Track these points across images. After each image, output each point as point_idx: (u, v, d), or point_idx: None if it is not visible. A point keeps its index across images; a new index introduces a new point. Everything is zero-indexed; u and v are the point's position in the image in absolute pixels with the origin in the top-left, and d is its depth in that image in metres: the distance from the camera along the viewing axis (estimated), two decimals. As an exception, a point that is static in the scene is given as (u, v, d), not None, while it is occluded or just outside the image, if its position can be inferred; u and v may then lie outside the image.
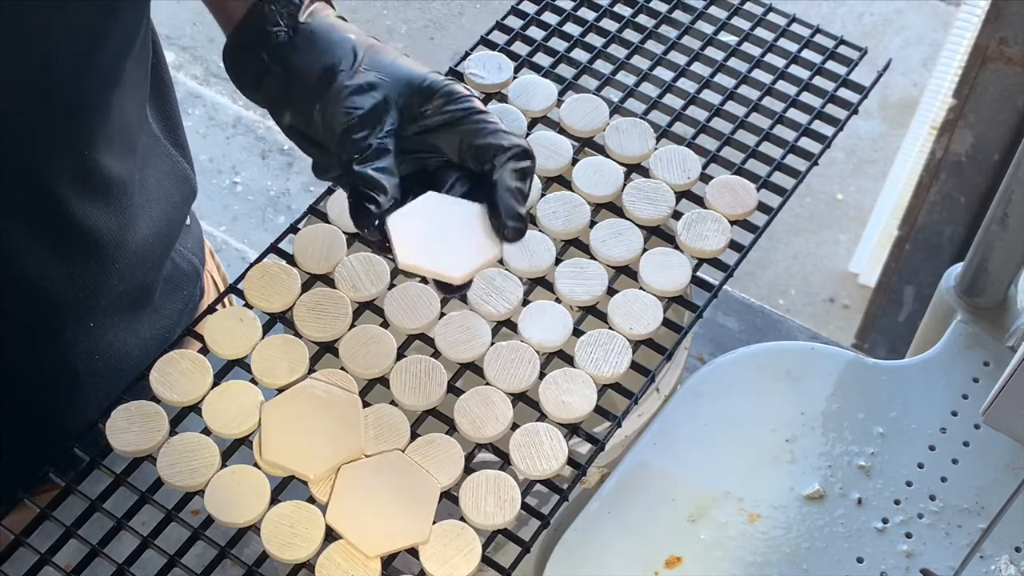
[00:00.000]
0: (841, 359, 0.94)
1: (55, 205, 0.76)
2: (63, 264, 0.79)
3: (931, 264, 1.86)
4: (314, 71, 0.71)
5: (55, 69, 0.70)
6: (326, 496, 0.70)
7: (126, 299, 0.86)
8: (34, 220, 0.76)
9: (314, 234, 0.81)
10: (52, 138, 0.74)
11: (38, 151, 0.73)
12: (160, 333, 0.90)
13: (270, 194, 2.41)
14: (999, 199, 0.92)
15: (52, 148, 0.74)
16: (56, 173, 0.75)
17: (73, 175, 0.76)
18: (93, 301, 0.83)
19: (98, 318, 0.84)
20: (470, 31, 2.71)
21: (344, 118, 0.69)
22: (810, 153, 0.87)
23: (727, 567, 0.83)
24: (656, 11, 0.95)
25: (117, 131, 0.78)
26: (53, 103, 0.72)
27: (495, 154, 0.69)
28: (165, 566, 0.70)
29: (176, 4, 2.67)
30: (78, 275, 0.80)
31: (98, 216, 0.79)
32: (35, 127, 0.72)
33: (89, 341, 0.84)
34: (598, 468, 0.85)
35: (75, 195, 0.77)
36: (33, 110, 0.71)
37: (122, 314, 0.86)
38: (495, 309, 0.78)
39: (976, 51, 1.63)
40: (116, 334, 0.86)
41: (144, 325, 0.89)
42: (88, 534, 0.70)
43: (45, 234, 0.77)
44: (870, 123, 2.59)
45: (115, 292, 0.84)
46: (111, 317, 0.85)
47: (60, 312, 0.81)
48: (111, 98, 0.76)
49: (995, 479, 0.88)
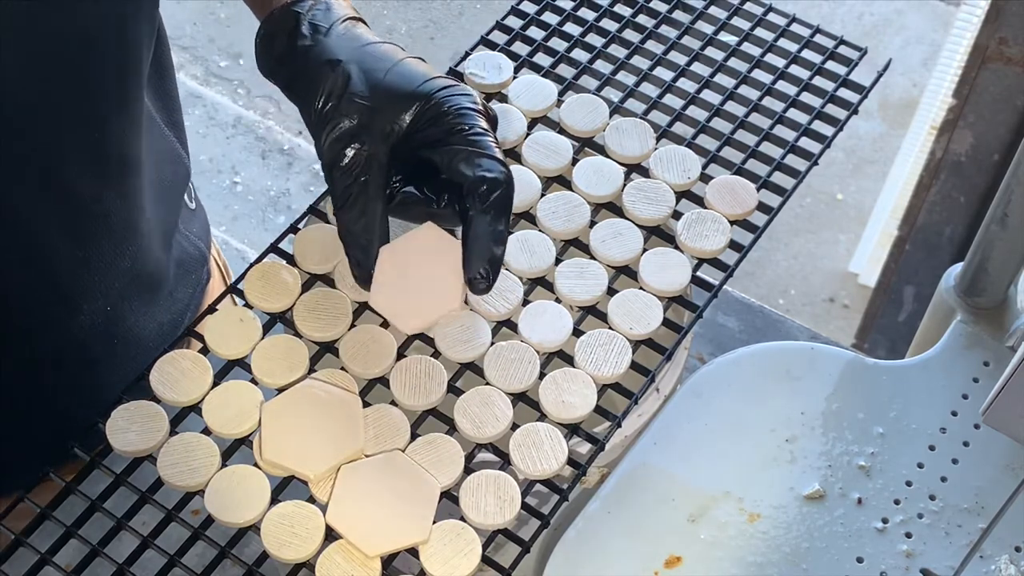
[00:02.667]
0: (841, 359, 0.94)
1: (69, 187, 0.76)
2: (77, 247, 0.79)
3: (931, 264, 1.86)
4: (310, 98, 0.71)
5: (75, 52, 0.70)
6: (326, 496, 0.70)
7: (141, 282, 0.86)
8: (48, 203, 0.76)
9: (314, 234, 0.81)
10: (66, 121, 0.74)
11: (52, 135, 0.74)
12: (174, 317, 0.91)
13: (270, 194, 2.41)
14: (999, 199, 0.92)
15: (66, 131, 0.74)
16: (70, 155, 0.75)
17: (86, 157, 0.76)
18: (108, 284, 0.83)
19: (115, 301, 0.84)
20: (470, 31, 2.71)
21: (328, 159, 0.71)
22: (810, 153, 0.87)
23: (727, 567, 0.83)
24: (656, 11, 0.95)
25: (128, 112, 0.78)
26: (69, 85, 0.72)
27: (469, 189, 0.70)
28: (165, 566, 0.70)
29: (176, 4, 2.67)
30: (92, 258, 0.81)
31: (109, 197, 0.79)
32: (50, 110, 0.72)
33: (108, 325, 0.84)
34: (598, 468, 0.85)
35: (88, 177, 0.77)
36: (49, 93, 0.71)
37: (140, 298, 0.87)
38: (495, 309, 0.78)
39: (976, 51, 1.63)
40: (135, 319, 0.87)
41: (160, 309, 0.89)
42: (88, 534, 0.70)
43: (60, 217, 0.77)
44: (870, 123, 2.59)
45: (129, 275, 0.84)
46: (129, 301, 0.85)
47: (76, 296, 0.81)
48: (127, 80, 0.76)
49: (995, 479, 0.88)
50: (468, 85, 0.88)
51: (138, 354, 0.85)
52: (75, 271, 0.80)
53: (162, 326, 0.89)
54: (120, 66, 0.75)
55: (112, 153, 0.78)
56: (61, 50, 0.70)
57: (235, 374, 0.76)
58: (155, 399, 0.74)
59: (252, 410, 0.73)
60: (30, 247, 0.77)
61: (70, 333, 0.83)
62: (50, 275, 0.79)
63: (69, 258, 0.79)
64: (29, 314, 0.80)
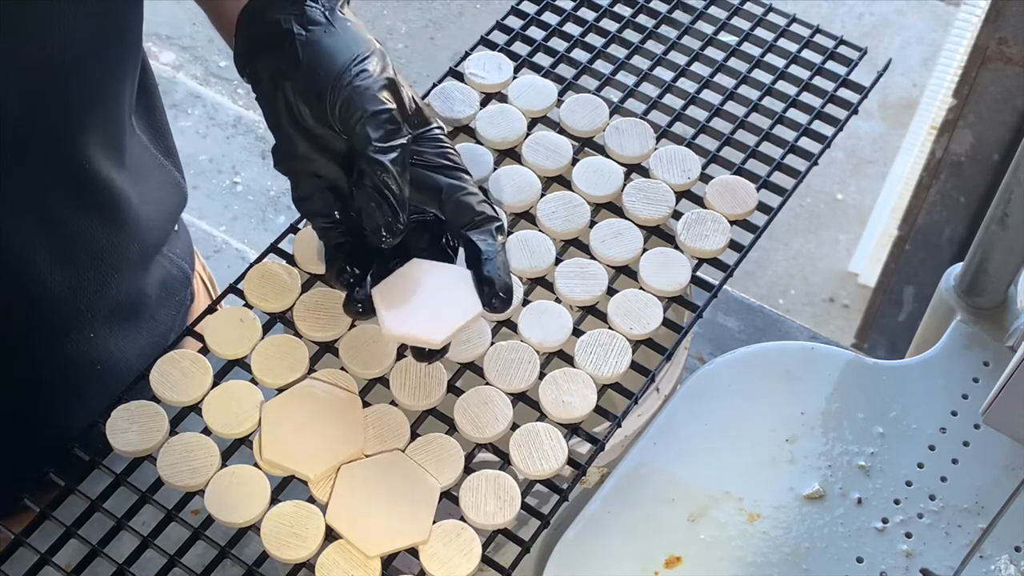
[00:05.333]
0: (841, 359, 0.94)
1: (56, 217, 0.76)
2: (65, 275, 0.79)
3: (931, 264, 1.86)
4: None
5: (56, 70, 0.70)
6: (326, 496, 0.70)
7: (125, 308, 0.86)
8: (36, 232, 0.76)
9: (314, 234, 0.81)
10: (51, 150, 0.74)
11: (38, 163, 0.73)
12: (157, 340, 0.90)
13: (270, 194, 2.41)
14: (999, 199, 0.92)
15: (51, 158, 0.74)
16: (55, 184, 0.75)
17: (71, 186, 0.76)
18: (94, 311, 0.83)
19: (99, 328, 0.84)
20: (470, 31, 2.70)
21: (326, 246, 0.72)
22: (810, 153, 0.87)
23: (727, 567, 0.83)
24: (656, 11, 0.95)
25: (113, 139, 0.78)
26: (52, 113, 0.72)
27: (472, 220, 0.70)
28: (165, 566, 0.70)
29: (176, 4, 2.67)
30: (79, 286, 0.80)
31: (97, 228, 0.79)
32: (36, 138, 0.72)
33: (91, 351, 0.84)
34: (598, 468, 0.85)
35: (74, 207, 0.77)
36: (35, 120, 0.71)
37: (122, 323, 0.86)
38: (495, 309, 0.78)
39: (976, 51, 1.63)
40: (116, 343, 0.86)
41: (143, 333, 0.89)
42: (88, 534, 0.70)
43: (47, 246, 0.77)
44: (870, 123, 2.59)
45: (115, 301, 0.84)
46: (112, 327, 0.85)
47: (62, 322, 0.81)
48: (108, 103, 0.76)
49: (995, 479, 0.88)
50: (468, 85, 0.89)
51: (120, 377, 0.85)
52: (63, 299, 0.80)
53: (144, 349, 0.88)
54: (103, 95, 0.75)
55: (97, 182, 0.78)
56: (45, 78, 0.70)
57: (235, 374, 0.76)
58: (155, 399, 0.74)
59: (252, 410, 0.73)
60: (19, 275, 0.77)
61: (56, 360, 0.83)
62: (36, 301, 0.79)
63: (58, 285, 0.79)
64: (16, 341, 0.80)
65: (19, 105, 0.69)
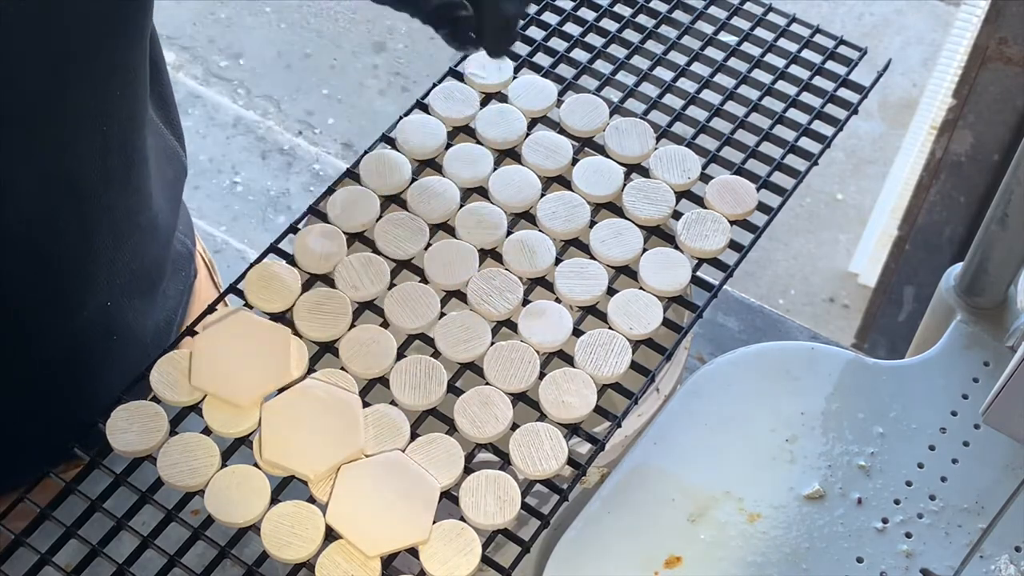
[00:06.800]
0: (841, 359, 0.94)
1: (74, 178, 0.77)
2: (81, 239, 0.79)
3: (931, 264, 1.86)
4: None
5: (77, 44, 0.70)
6: (326, 496, 0.70)
7: (141, 279, 0.87)
8: (54, 193, 0.76)
9: (314, 234, 0.81)
10: (72, 113, 0.74)
11: (59, 126, 0.74)
12: (167, 315, 0.92)
13: (270, 194, 2.41)
14: (999, 199, 0.92)
15: (72, 124, 0.74)
16: (76, 147, 0.75)
17: (93, 149, 0.76)
18: (110, 279, 0.83)
19: (115, 297, 0.85)
20: (470, 31, 2.70)
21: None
22: (810, 153, 0.87)
23: (727, 567, 0.83)
24: (656, 11, 0.95)
25: (132, 106, 0.78)
26: (75, 77, 0.72)
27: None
28: (165, 566, 0.70)
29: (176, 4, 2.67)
30: (95, 251, 0.81)
31: (114, 193, 0.79)
32: (58, 101, 0.72)
33: (107, 321, 0.85)
34: (598, 468, 0.85)
35: (94, 169, 0.77)
36: (57, 84, 0.71)
37: (139, 295, 0.87)
38: (495, 309, 0.78)
39: (976, 51, 1.63)
40: (134, 316, 0.87)
41: (156, 307, 0.90)
42: (88, 534, 0.70)
43: (65, 207, 0.77)
44: (870, 123, 2.59)
45: (129, 270, 0.84)
46: (129, 298, 0.86)
47: (79, 290, 0.82)
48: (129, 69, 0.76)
49: (995, 479, 0.88)
50: (468, 85, 0.89)
51: (134, 353, 0.86)
52: (78, 263, 0.80)
53: (157, 324, 0.90)
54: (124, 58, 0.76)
55: (116, 147, 0.78)
56: (68, 42, 0.70)
57: (235, 374, 0.76)
58: (155, 399, 0.74)
59: (252, 410, 0.73)
60: (34, 238, 0.77)
61: (71, 331, 0.83)
62: (54, 266, 0.79)
63: (73, 248, 0.79)
64: (31, 310, 0.80)
65: (44, 65, 0.70)
